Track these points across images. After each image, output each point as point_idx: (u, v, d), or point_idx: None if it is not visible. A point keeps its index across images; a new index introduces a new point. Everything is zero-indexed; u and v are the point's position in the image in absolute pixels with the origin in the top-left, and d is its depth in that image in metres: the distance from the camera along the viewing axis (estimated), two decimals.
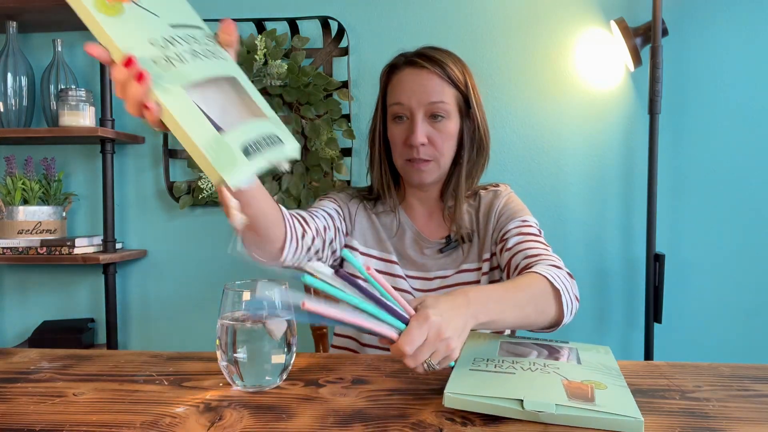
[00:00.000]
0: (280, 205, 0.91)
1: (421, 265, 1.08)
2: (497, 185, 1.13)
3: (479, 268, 1.06)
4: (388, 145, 1.08)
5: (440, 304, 0.67)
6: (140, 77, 0.53)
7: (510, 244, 0.99)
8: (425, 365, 0.64)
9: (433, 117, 1.02)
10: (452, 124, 1.03)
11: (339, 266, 1.09)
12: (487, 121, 1.10)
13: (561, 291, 0.84)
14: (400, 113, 1.03)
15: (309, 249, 0.96)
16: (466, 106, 1.05)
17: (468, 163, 1.06)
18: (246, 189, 0.76)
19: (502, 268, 1.03)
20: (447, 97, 1.02)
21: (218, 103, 0.58)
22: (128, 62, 0.53)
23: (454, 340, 0.65)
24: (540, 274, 0.85)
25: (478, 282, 1.06)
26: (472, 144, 1.06)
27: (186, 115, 0.53)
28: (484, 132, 1.07)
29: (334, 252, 1.06)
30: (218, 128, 0.55)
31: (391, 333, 0.63)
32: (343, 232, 1.08)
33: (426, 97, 1.01)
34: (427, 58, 1.03)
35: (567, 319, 0.87)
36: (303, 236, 0.93)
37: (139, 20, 0.56)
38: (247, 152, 0.55)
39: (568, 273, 0.90)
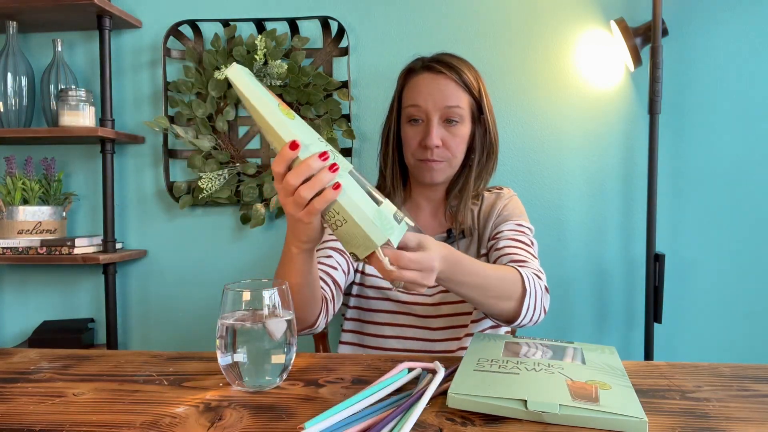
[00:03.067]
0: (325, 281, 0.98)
1: None
2: (501, 188, 1.17)
3: None
4: (400, 145, 1.12)
5: (443, 256, 0.75)
6: (333, 167, 0.65)
7: (500, 245, 1.04)
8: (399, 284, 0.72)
9: (448, 121, 1.05)
10: (465, 128, 1.07)
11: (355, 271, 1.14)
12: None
13: (528, 293, 0.88)
14: (415, 115, 1.07)
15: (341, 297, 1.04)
16: (478, 112, 1.09)
17: (478, 166, 1.11)
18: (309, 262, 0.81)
19: None
20: (462, 102, 1.06)
21: (365, 183, 0.71)
22: (324, 156, 0.65)
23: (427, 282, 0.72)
24: (519, 273, 0.89)
25: None
26: (483, 148, 1.11)
27: (358, 194, 0.67)
28: (494, 137, 1.11)
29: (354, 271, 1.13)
30: (378, 202, 0.69)
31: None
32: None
33: (442, 101, 1.04)
34: (444, 63, 1.07)
35: (523, 320, 0.91)
36: (332, 300, 0.98)
37: (306, 126, 0.70)
38: (396, 219, 0.69)
39: (545, 286, 0.95)
